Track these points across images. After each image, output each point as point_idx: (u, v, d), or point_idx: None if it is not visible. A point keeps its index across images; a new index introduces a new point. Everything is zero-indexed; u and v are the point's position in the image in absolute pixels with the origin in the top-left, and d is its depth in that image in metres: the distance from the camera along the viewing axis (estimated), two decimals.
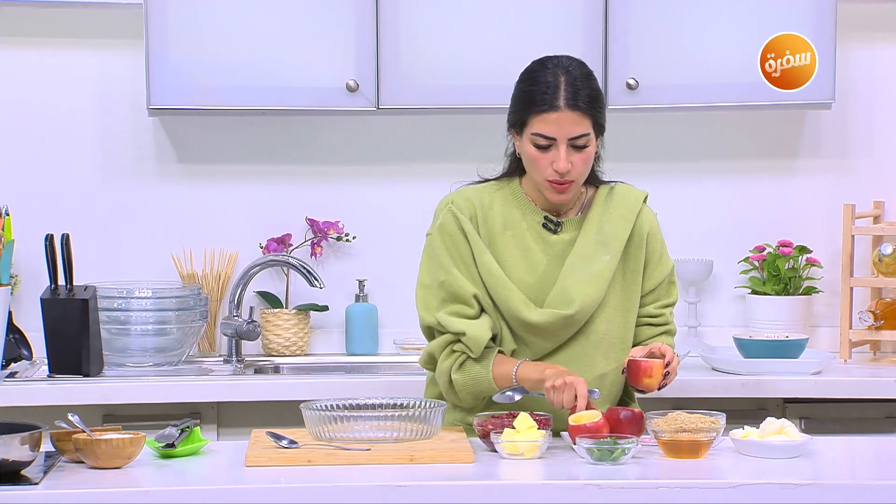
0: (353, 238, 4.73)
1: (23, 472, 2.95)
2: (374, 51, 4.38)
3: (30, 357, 4.44)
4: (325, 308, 4.71)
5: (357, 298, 4.71)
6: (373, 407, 3.31)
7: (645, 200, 3.51)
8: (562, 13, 4.40)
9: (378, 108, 4.42)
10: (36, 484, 2.90)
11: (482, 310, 3.41)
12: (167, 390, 4.14)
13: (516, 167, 3.48)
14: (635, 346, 3.42)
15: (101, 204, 4.69)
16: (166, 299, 4.40)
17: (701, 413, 3.21)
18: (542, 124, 3.32)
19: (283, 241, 4.68)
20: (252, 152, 4.73)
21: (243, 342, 4.62)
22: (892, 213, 4.77)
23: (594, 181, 3.49)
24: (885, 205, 4.75)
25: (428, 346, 3.46)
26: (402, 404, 3.31)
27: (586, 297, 3.38)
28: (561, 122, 3.31)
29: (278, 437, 3.17)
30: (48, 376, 4.23)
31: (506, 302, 3.39)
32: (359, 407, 3.31)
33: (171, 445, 3.12)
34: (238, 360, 4.58)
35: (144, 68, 4.36)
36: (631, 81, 4.41)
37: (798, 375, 4.23)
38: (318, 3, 4.38)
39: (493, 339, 3.42)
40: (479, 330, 3.37)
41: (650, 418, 3.18)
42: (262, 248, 4.70)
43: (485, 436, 3.21)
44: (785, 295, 4.64)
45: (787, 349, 4.34)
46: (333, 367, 4.60)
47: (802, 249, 4.68)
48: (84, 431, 3.08)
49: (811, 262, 4.70)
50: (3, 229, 4.19)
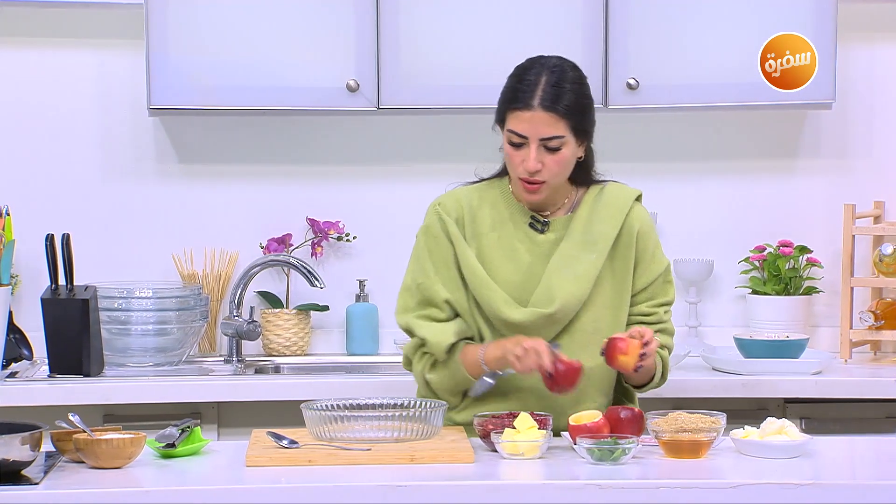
0: (354, 238, 4.73)
1: (23, 472, 2.95)
2: (375, 51, 4.38)
3: (30, 357, 4.44)
4: (325, 308, 4.71)
5: (357, 298, 4.71)
6: (373, 407, 3.31)
7: (639, 199, 3.50)
8: (562, 13, 4.40)
9: (378, 108, 4.42)
10: (36, 484, 2.90)
11: (456, 314, 3.42)
12: (167, 390, 4.14)
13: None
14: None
15: (102, 204, 4.69)
16: (167, 299, 4.40)
17: (701, 413, 3.21)
18: (516, 121, 3.33)
19: (283, 241, 4.68)
20: (252, 152, 4.73)
21: (244, 342, 4.62)
22: (893, 213, 4.76)
23: (587, 182, 3.48)
24: (885, 205, 4.75)
25: (404, 348, 3.49)
26: (402, 404, 3.31)
27: (569, 296, 3.37)
28: (533, 122, 3.31)
29: (279, 437, 3.17)
30: (49, 376, 4.23)
31: (488, 302, 3.38)
32: (359, 407, 3.31)
33: (172, 445, 3.12)
34: (238, 360, 4.58)
35: (145, 68, 4.36)
36: (631, 81, 4.41)
37: (798, 375, 4.23)
38: (318, 3, 4.38)
39: (471, 340, 3.43)
40: (440, 335, 3.38)
41: (650, 418, 3.18)
42: (262, 248, 4.70)
43: (485, 436, 3.21)
44: (785, 295, 4.64)
45: (787, 349, 4.34)
46: (334, 367, 4.59)
47: (803, 249, 4.68)
48: (84, 431, 3.08)
49: (812, 262, 4.70)
50: (3, 229, 4.19)
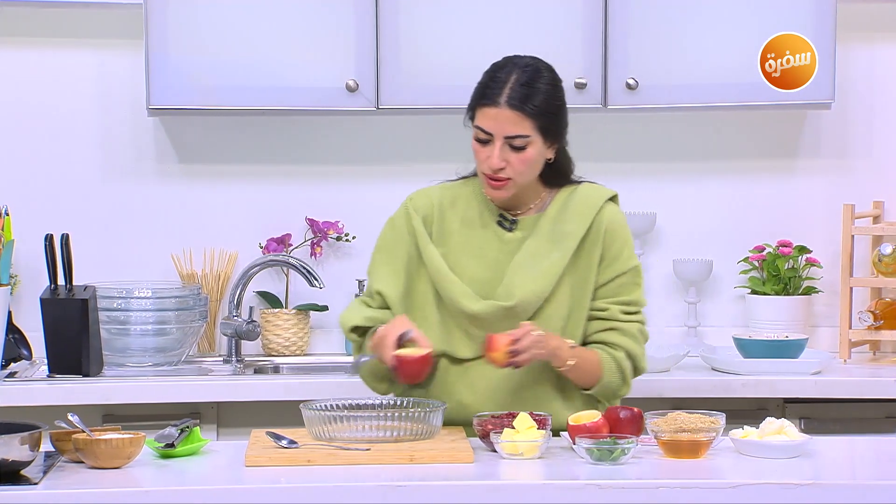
0: (353, 238, 4.73)
1: (22, 472, 2.95)
2: (374, 51, 4.38)
3: (29, 357, 4.44)
4: (324, 308, 4.71)
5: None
6: (372, 407, 3.32)
7: (614, 200, 3.49)
8: (562, 13, 4.40)
9: (378, 108, 4.41)
10: (35, 484, 2.90)
11: (386, 306, 3.44)
12: (167, 390, 4.14)
13: None
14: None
15: (101, 204, 4.69)
16: (166, 299, 4.40)
17: (701, 413, 3.21)
18: (482, 118, 3.35)
19: (282, 241, 4.68)
20: (252, 152, 4.73)
21: (243, 342, 4.62)
22: (892, 213, 4.76)
23: (560, 183, 3.48)
24: (884, 205, 4.75)
25: None
26: (401, 404, 3.31)
27: (529, 292, 3.37)
28: (499, 119, 3.32)
29: (278, 437, 3.17)
30: (48, 376, 4.23)
31: (448, 294, 3.40)
32: (358, 407, 3.31)
33: (171, 445, 3.12)
34: (238, 360, 4.58)
35: (144, 68, 4.36)
36: (631, 81, 4.40)
37: (798, 375, 4.23)
38: (318, 3, 4.38)
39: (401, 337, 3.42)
40: (347, 318, 3.46)
41: (650, 418, 3.18)
42: (261, 248, 4.69)
43: (484, 436, 3.20)
44: (785, 295, 4.64)
45: (786, 349, 4.34)
46: (333, 367, 4.59)
47: (802, 249, 4.68)
48: (84, 431, 3.08)
49: (811, 262, 4.70)
50: (2, 229, 4.19)
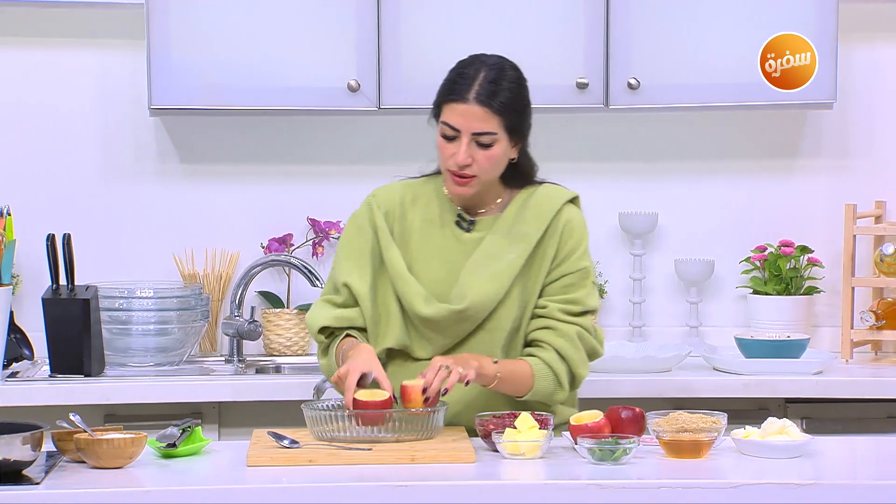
0: None
1: (24, 471, 2.95)
2: (376, 51, 4.38)
3: (31, 357, 4.44)
4: None
5: None
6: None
7: (574, 202, 3.47)
8: (563, 13, 4.40)
9: (379, 108, 4.41)
10: (37, 484, 2.90)
11: (354, 300, 3.43)
12: (168, 390, 4.14)
13: None
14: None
15: (103, 204, 4.69)
16: (168, 299, 4.40)
17: (702, 413, 3.21)
18: (450, 113, 3.34)
19: (284, 241, 4.68)
20: (253, 152, 4.73)
21: (245, 342, 4.62)
22: (894, 213, 4.76)
23: (521, 184, 3.47)
24: (886, 205, 4.75)
25: None
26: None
27: (481, 294, 3.36)
28: (467, 115, 3.32)
29: (280, 437, 3.17)
30: (49, 376, 4.23)
31: (404, 295, 3.40)
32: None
33: (173, 445, 3.12)
34: (239, 360, 4.58)
35: (146, 68, 4.36)
36: (632, 81, 4.40)
37: (799, 375, 4.23)
38: (319, 3, 4.38)
39: (363, 330, 3.43)
40: (315, 318, 3.44)
41: (651, 418, 3.18)
42: (263, 247, 4.69)
43: (486, 436, 3.20)
44: (786, 295, 4.63)
45: (788, 349, 4.34)
46: None
47: (804, 249, 4.68)
48: (85, 431, 3.08)
49: (812, 262, 4.70)
50: (4, 229, 4.19)
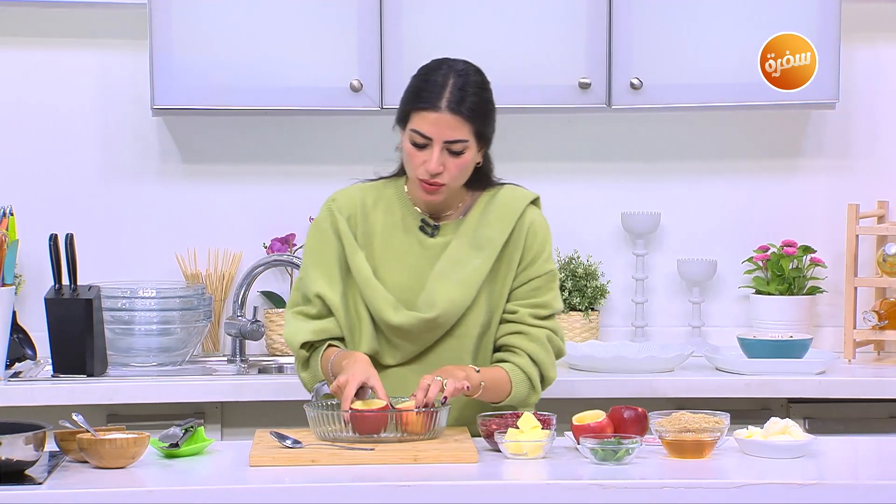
0: None
1: (27, 471, 2.95)
2: (378, 51, 4.38)
3: (34, 357, 4.44)
4: None
5: None
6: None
7: (535, 203, 3.47)
8: (565, 14, 4.40)
9: (382, 108, 4.41)
10: (40, 484, 2.90)
11: (328, 310, 3.40)
12: (171, 390, 4.14)
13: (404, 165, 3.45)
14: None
15: (105, 204, 4.69)
16: (170, 299, 4.40)
17: (705, 413, 3.20)
18: (420, 122, 3.31)
19: (286, 241, 4.68)
20: (256, 152, 4.73)
21: (247, 342, 4.62)
22: None
23: (481, 186, 3.45)
24: (889, 204, 4.74)
25: None
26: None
27: (451, 302, 3.35)
28: (439, 124, 3.29)
29: (282, 437, 3.17)
30: (52, 376, 4.24)
31: (372, 302, 3.37)
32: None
33: (175, 445, 3.12)
34: (242, 360, 4.58)
35: (148, 68, 4.36)
36: (635, 81, 4.40)
37: (802, 375, 4.23)
38: (321, 3, 4.38)
39: (342, 340, 3.42)
40: (295, 335, 3.39)
41: (654, 418, 3.18)
42: (265, 247, 4.69)
43: (488, 436, 3.20)
44: (789, 295, 4.63)
45: (790, 349, 4.34)
46: None
47: (806, 249, 4.67)
48: (88, 431, 3.08)
49: (815, 262, 4.70)
50: (7, 229, 4.19)
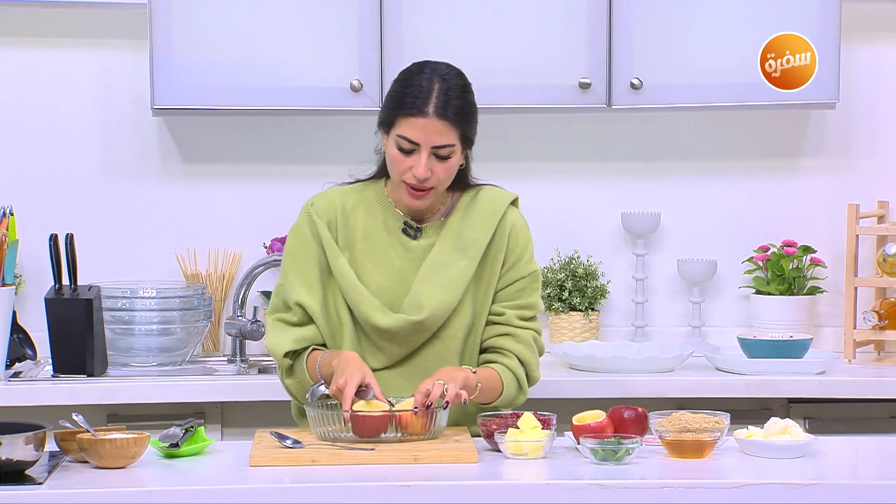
0: None
1: (27, 471, 2.95)
2: (378, 51, 4.38)
3: (34, 357, 4.44)
4: None
5: None
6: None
7: (515, 203, 3.47)
8: (565, 14, 4.40)
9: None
10: (40, 484, 2.90)
11: (308, 317, 3.38)
12: (171, 390, 4.14)
13: (384, 168, 3.44)
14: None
15: (106, 204, 4.69)
16: (170, 299, 4.40)
17: (705, 413, 3.20)
18: (407, 128, 3.29)
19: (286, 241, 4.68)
20: (256, 152, 4.73)
21: (247, 342, 4.62)
22: None
23: (462, 186, 3.45)
24: (889, 204, 4.74)
25: None
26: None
27: (438, 304, 3.35)
28: (426, 129, 3.28)
29: (282, 437, 3.17)
30: (52, 376, 4.24)
31: (357, 306, 3.36)
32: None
33: (176, 445, 3.12)
34: (242, 360, 4.59)
35: (149, 68, 4.36)
36: (635, 81, 4.40)
37: (802, 375, 4.23)
38: (322, 3, 4.38)
39: (323, 345, 3.41)
40: (278, 345, 3.37)
41: (654, 418, 3.18)
42: (266, 247, 4.69)
43: (489, 436, 3.20)
44: (789, 295, 4.63)
45: (791, 349, 4.34)
46: None
47: (806, 249, 4.67)
48: (88, 431, 3.08)
49: (815, 262, 4.70)
50: (7, 229, 4.19)
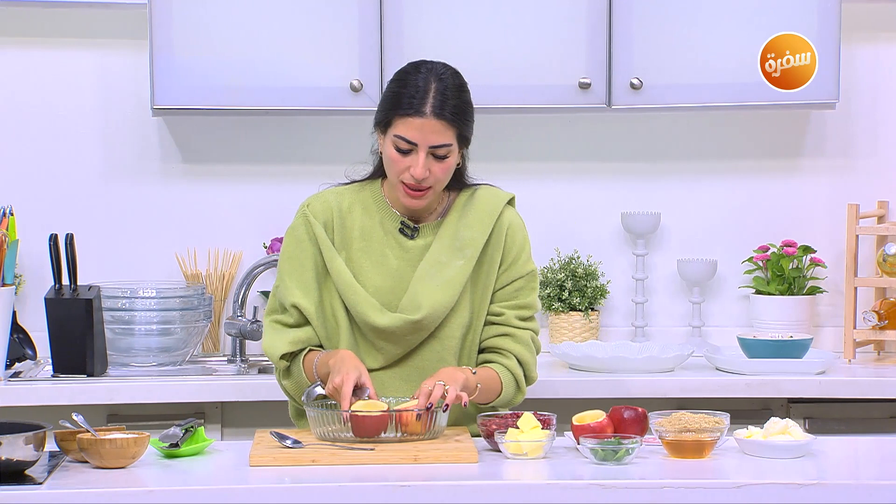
0: None
1: (27, 471, 2.95)
2: (378, 51, 4.38)
3: (34, 357, 4.44)
4: None
5: None
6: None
7: (511, 203, 3.47)
8: (566, 14, 4.40)
9: None
10: (40, 484, 2.90)
11: (304, 319, 3.38)
12: (171, 390, 4.14)
13: (380, 168, 3.44)
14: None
15: (106, 204, 4.69)
16: (170, 299, 4.40)
17: (705, 413, 3.21)
18: (405, 128, 3.29)
19: None
20: (256, 152, 4.73)
21: (247, 342, 4.62)
22: None
23: (458, 185, 3.45)
24: (889, 204, 4.75)
25: None
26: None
27: (436, 303, 3.35)
28: (424, 129, 3.28)
29: (282, 437, 3.17)
30: (52, 376, 4.24)
31: (354, 306, 3.36)
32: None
33: (175, 445, 3.12)
34: (242, 360, 4.59)
35: (149, 68, 4.36)
36: (635, 81, 4.40)
37: (802, 375, 4.23)
38: (322, 3, 4.38)
39: (320, 346, 3.41)
40: (274, 347, 3.37)
41: (654, 418, 3.18)
42: (265, 247, 4.70)
43: (489, 435, 3.20)
44: (789, 295, 4.63)
45: (791, 349, 4.34)
46: None
47: (806, 249, 4.68)
48: (88, 431, 3.08)
49: (815, 262, 4.70)
50: (7, 229, 4.19)
